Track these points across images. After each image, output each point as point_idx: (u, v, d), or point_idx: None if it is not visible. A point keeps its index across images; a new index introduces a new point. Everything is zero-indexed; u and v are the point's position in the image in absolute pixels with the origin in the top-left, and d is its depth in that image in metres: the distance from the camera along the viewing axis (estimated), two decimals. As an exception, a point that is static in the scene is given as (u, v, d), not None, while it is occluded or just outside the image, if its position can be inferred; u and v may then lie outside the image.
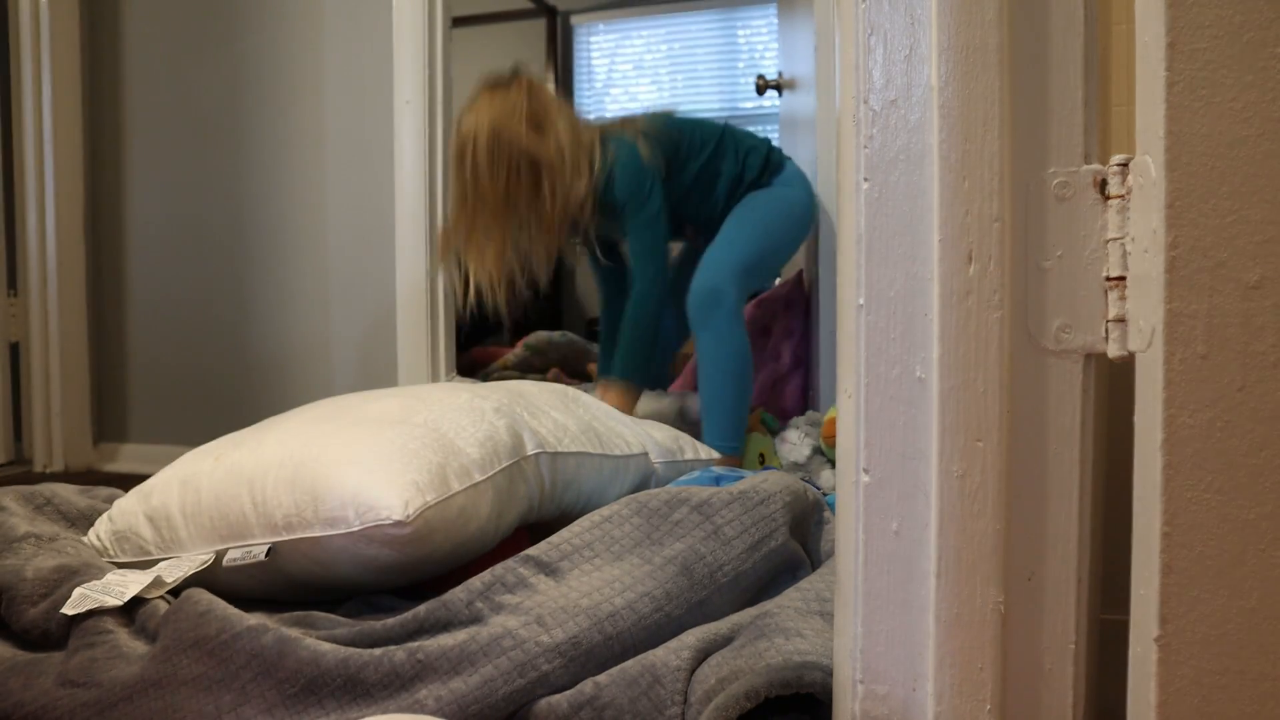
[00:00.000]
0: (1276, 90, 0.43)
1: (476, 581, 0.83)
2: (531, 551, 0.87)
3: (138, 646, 0.80)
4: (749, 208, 1.97)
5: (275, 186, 2.37)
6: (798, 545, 0.94)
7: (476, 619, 0.78)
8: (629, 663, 0.72)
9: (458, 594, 0.81)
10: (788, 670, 0.67)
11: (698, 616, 0.81)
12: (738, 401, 1.87)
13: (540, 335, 3.07)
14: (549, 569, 0.84)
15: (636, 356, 1.90)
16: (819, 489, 1.58)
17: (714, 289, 1.84)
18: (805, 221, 2.00)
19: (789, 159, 2.07)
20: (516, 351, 3.06)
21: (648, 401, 2.14)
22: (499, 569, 0.84)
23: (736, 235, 1.92)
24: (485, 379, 2.74)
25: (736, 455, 1.85)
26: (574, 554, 0.86)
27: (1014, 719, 0.51)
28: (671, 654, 0.72)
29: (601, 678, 0.71)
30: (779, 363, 2.31)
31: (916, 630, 0.52)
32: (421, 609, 0.80)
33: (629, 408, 1.89)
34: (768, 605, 0.82)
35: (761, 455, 1.88)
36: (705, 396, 1.88)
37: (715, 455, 1.40)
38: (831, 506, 1.36)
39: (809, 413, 2.04)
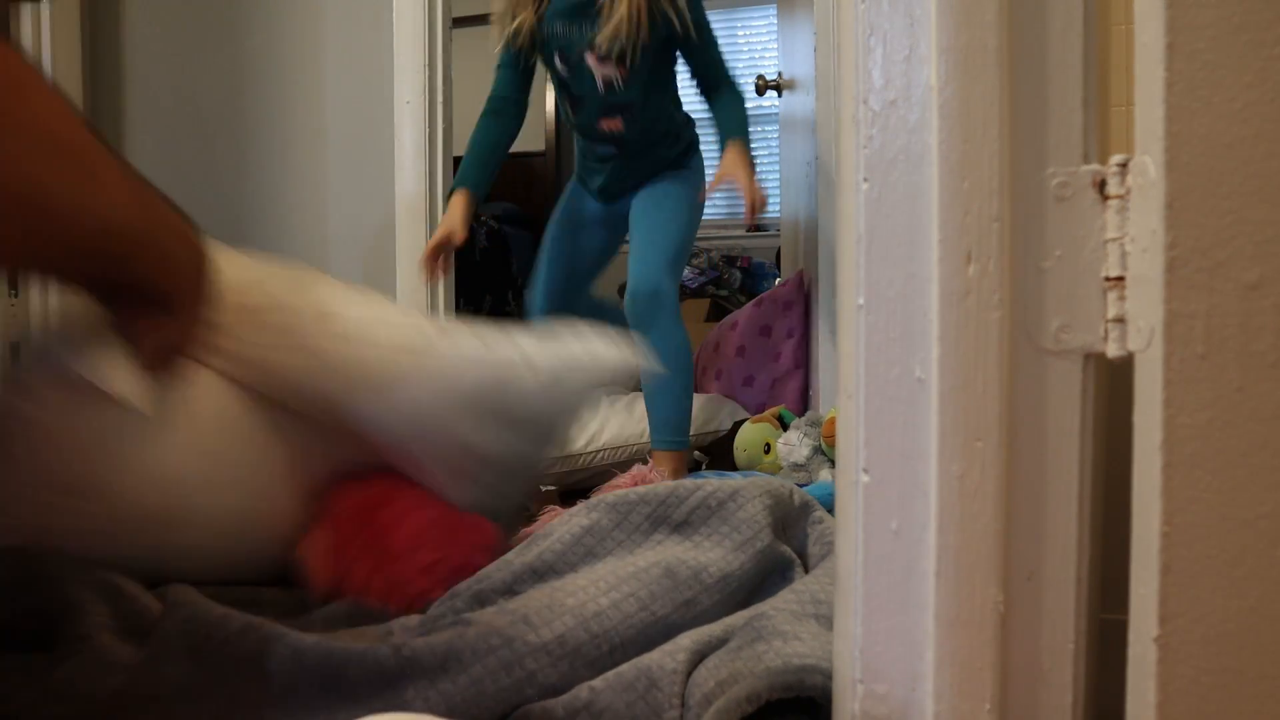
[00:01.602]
0: (1276, 90, 0.43)
1: (460, 588, 0.84)
2: (511, 557, 0.88)
3: (124, 652, 0.79)
4: (665, 200, 1.99)
5: (275, 187, 2.38)
6: (785, 547, 0.94)
7: (461, 621, 0.78)
8: (624, 666, 0.72)
9: (442, 600, 0.82)
10: (789, 674, 0.67)
11: (685, 616, 0.81)
12: (685, 396, 1.87)
13: None
14: (536, 575, 0.85)
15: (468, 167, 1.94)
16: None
17: (654, 291, 1.85)
18: (701, 211, 2.08)
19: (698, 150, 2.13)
20: None
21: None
22: (479, 579, 0.85)
23: (661, 232, 1.94)
24: None
25: (684, 449, 1.84)
26: (557, 561, 0.87)
27: (1014, 718, 0.51)
28: (667, 657, 0.72)
29: (596, 682, 0.71)
30: (779, 363, 2.31)
31: (916, 630, 0.52)
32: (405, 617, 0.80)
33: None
34: (762, 607, 0.82)
35: (768, 445, 1.90)
36: (652, 394, 1.87)
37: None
38: (830, 506, 1.36)
39: (809, 413, 2.05)
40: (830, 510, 1.26)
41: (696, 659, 0.73)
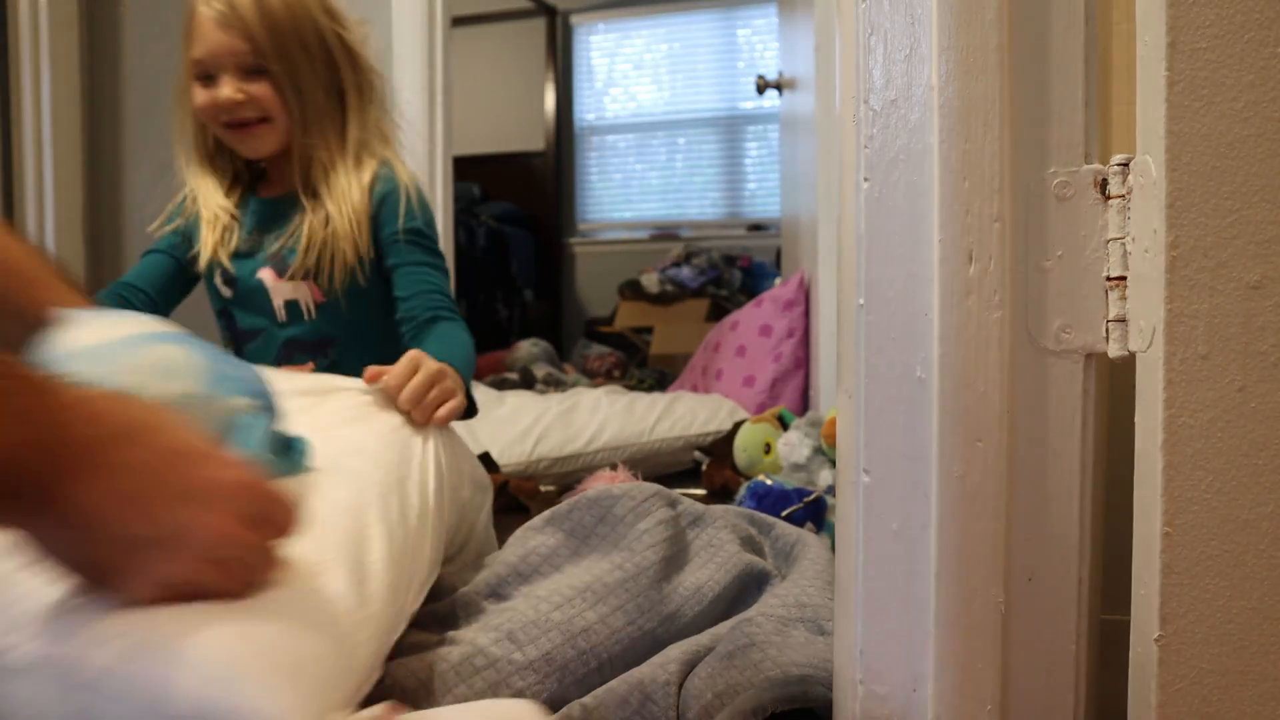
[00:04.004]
0: (1277, 90, 0.43)
1: (444, 588, 0.83)
2: (495, 558, 0.88)
3: None
4: None
5: (275, 186, 2.37)
6: (754, 557, 0.93)
7: (444, 641, 0.77)
8: (614, 682, 0.72)
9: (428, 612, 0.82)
10: (791, 685, 0.67)
11: (670, 629, 0.80)
12: None
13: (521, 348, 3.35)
14: (521, 577, 0.85)
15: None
16: (811, 489, 1.58)
17: None
18: None
19: None
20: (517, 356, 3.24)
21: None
22: (463, 579, 0.85)
23: None
24: (498, 386, 2.76)
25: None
26: (542, 563, 0.86)
27: (1015, 719, 0.51)
28: (658, 669, 0.72)
29: (588, 699, 0.70)
30: (779, 363, 2.31)
31: (917, 631, 0.52)
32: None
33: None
34: (747, 614, 0.82)
35: (768, 444, 1.89)
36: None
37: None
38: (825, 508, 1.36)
39: (809, 413, 2.04)
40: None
41: (687, 669, 0.73)
